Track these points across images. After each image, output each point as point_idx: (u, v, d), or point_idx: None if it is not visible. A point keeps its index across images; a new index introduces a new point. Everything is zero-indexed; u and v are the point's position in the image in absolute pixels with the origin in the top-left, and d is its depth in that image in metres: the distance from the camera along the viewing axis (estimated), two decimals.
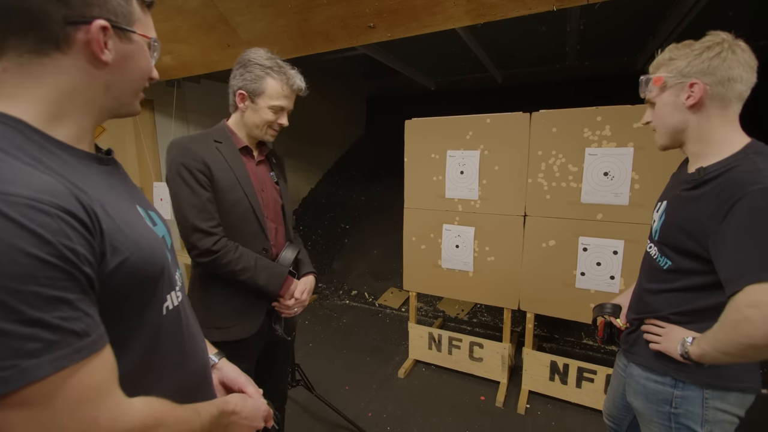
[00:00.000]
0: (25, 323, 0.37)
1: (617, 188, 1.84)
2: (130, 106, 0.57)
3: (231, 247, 1.12)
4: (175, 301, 0.60)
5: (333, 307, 3.59)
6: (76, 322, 0.40)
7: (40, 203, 0.39)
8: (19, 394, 0.37)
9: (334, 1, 1.68)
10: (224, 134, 1.19)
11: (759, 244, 0.70)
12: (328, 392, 2.17)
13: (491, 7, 1.49)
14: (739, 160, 0.80)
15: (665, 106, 0.90)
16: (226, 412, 0.62)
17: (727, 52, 0.80)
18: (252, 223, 1.18)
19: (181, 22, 2.04)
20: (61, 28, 0.46)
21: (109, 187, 0.53)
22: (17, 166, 0.41)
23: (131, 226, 0.51)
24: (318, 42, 1.93)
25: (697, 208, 0.84)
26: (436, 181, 2.31)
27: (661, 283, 0.94)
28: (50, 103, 0.48)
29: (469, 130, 2.18)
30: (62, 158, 0.47)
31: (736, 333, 0.72)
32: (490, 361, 2.34)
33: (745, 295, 0.71)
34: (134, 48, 0.53)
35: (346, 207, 4.95)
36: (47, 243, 0.38)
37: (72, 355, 0.40)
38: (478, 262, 2.25)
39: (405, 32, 1.71)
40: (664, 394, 0.92)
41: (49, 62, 0.47)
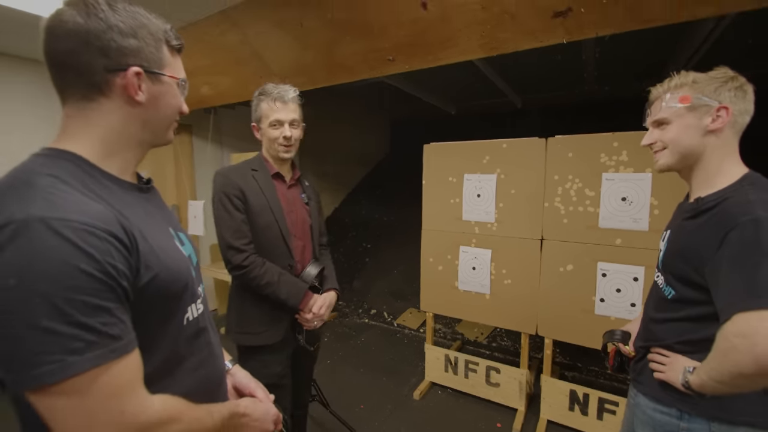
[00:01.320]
0: (73, 325, 0.45)
1: (636, 213, 1.82)
2: (164, 137, 0.67)
3: (258, 263, 1.24)
4: (195, 312, 0.67)
5: (352, 325, 3.63)
6: (113, 327, 0.48)
7: (93, 228, 0.48)
8: (62, 385, 0.44)
9: (357, 37, 1.82)
10: (260, 163, 1.34)
11: (747, 274, 0.71)
12: (344, 409, 2.20)
13: (503, 41, 1.58)
14: (734, 191, 0.82)
15: (686, 127, 0.88)
16: (236, 414, 0.68)
17: (747, 86, 0.85)
18: (279, 243, 1.31)
19: (220, 58, 2.26)
20: (103, 76, 0.55)
21: (147, 213, 0.62)
22: (77, 197, 0.50)
23: (162, 249, 0.59)
24: (341, 74, 2.08)
25: (695, 237, 0.86)
26: (454, 204, 2.36)
27: (666, 312, 0.94)
28: (101, 141, 0.58)
29: (486, 155, 2.23)
30: (110, 188, 0.57)
31: (726, 362, 0.72)
32: (507, 386, 2.29)
33: (733, 324, 0.71)
34: (165, 88, 0.62)
35: (368, 227, 5.05)
36: (96, 261, 0.47)
37: (107, 355, 0.47)
38: (494, 285, 2.25)
39: (421, 64, 1.82)
40: (670, 425, 0.90)
41: (97, 106, 0.57)
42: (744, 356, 0.68)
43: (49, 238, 0.45)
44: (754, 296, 0.69)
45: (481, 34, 1.57)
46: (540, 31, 1.47)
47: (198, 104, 2.85)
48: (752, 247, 0.72)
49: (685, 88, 0.89)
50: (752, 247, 0.72)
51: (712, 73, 0.88)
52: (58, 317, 0.44)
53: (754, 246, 0.72)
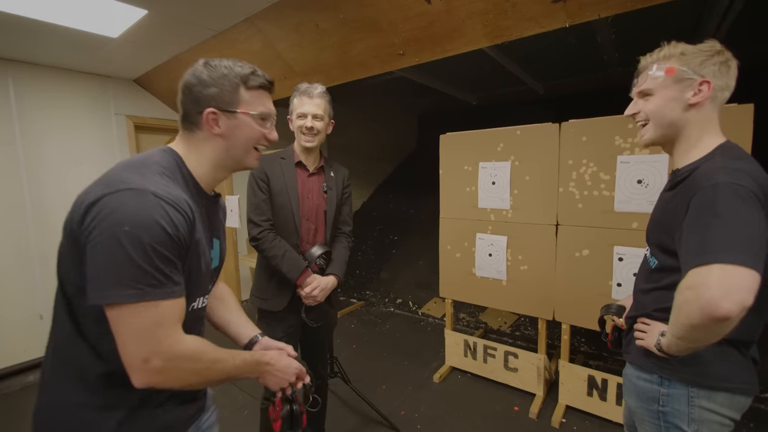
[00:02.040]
0: (155, 268, 0.62)
1: (653, 196, 1.78)
2: (245, 161, 0.83)
3: (269, 238, 1.44)
4: (200, 304, 0.80)
5: (378, 313, 3.76)
6: (177, 275, 0.66)
7: (178, 205, 0.66)
8: (137, 305, 0.61)
9: (368, 35, 1.92)
10: (288, 153, 1.55)
11: (699, 234, 0.75)
12: (366, 390, 2.33)
13: (507, 29, 1.62)
14: (706, 161, 0.84)
15: (669, 100, 0.89)
16: (261, 362, 0.82)
17: (731, 62, 0.86)
18: (289, 222, 1.49)
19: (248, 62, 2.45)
20: (196, 116, 0.76)
21: (205, 218, 0.79)
22: (173, 185, 0.71)
23: (198, 246, 0.75)
24: (356, 70, 2.19)
25: (669, 206, 0.89)
26: (470, 192, 2.40)
27: (650, 283, 0.96)
28: (196, 159, 0.79)
29: (500, 142, 2.26)
30: (190, 188, 0.76)
31: (681, 316, 0.75)
32: (525, 372, 2.32)
33: (686, 279, 0.74)
34: (238, 122, 0.78)
35: (395, 219, 5.16)
36: (174, 226, 0.65)
37: (170, 293, 0.64)
38: (511, 271, 2.28)
39: (431, 56, 1.90)
40: (652, 392, 0.93)
41: (194, 136, 0.78)
42: (692, 307, 0.71)
43: (152, 204, 0.63)
44: (702, 252, 0.72)
45: (484, 23, 1.62)
46: (541, 17, 1.50)
47: None
48: (707, 209, 0.75)
49: (672, 60, 0.89)
50: (707, 209, 0.75)
51: (700, 45, 0.88)
52: (147, 259, 0.61)
53: (708, 208, 0.75)
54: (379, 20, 1.81)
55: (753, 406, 2.16)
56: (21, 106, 2.66)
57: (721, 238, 0.71)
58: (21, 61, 2.63)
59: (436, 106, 5.67)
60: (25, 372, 2.68)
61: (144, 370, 0.62)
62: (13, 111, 2.64)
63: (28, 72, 2.68)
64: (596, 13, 1.42)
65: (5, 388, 2.55)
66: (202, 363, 0.69)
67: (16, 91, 2.64)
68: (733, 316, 0.67)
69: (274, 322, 1.49)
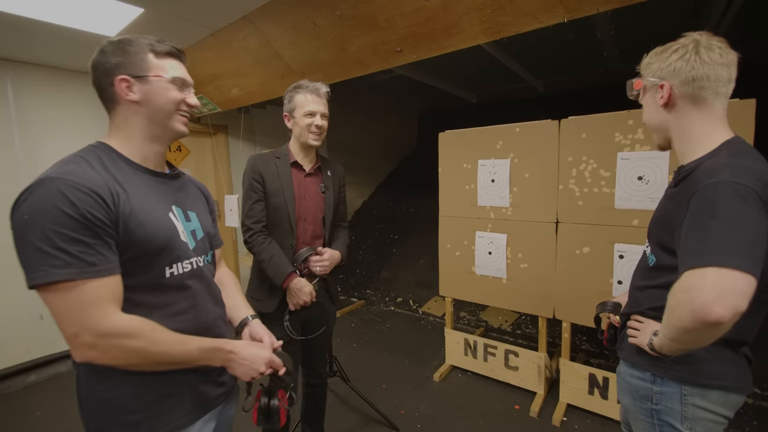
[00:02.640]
0: (56, 248, 0.64)
1: (653, 193, 1.77)
2: (171, 127, 0.82)
3: (259, 241, 1.43)
4: (180, 269, 0.80)
5: (378, 312, 3.75)
6: (89, 255, 0.66)
7: (80, 185, 0.67)
8: (49, 287, 0.64)
9: (365, 32, 1.91)
10: (283, 152, 1.52)
11: (697, 235, 0.73)
12: (366, 389, 2.32)
13: (504, 24, 1.60)
14: (710, 157, 0.82)
15: (648, 106, 0.95)
16: (222, 349, 0.80)
17: (691, 54, 0.84)
18: (285, 224, 1.47)
19: (245, 60, 2.44)
20: (109, 90, 0.78)
21: (150, 190, 0.80)
22: (83, 168, 0.71)
23: (145, 213, 0.75)
24: (354, 67, 2.18)
25: (671, 204, 0.88)
26: (469, 190, 2.39)
27: (647, 280, 0.95)
28: (124, 135, 0.80)
29: (499, 140, 2.24)
30: (123, 168, 0.77)
31: (673, 318, 0.74)
32: (525, 370, 2.31)
33: (680, 281, 0.73)
34: (152, 86, 0.78)
35: (395, 218, 5.15)
36: (75, 207, 0.65)
37: (80, 273, 0.65)
38: (511, 269, 2.26)
39: (428, 53, 1.88)
40: (645, 390, 0.92)
41: (115, 113, 0.79)
42: (684, 310, 0.70)
43: (51, 190, 0.65)
44: (698, 255, 0.71)
45: (481, 19, 1.60)
46: (539, 12, 1.48)
47: (230, 105, 3.08)
48: (706, 209, 0.73)
49: (642, 72, 0.95)
50: (706, 209, 0.73)
51: (668, 44, 0.89)
52: (47, 242, 0.64)
53: (708, 208, 0.73)
54: (376, 17, 1.79)
55: (756, 404, 2.14)
56: (20, 106, 2.66)
57: (718, 241, 0.69)
58: (19, 61, 2.63)
59: (436, 104, 5.66)
60: (26, 372, 2.68)
61: (76, 345, 0.66)
62: (12, 112, 2.63)
63: (26, 72, 2.67)
64: (595, 8, 1.40)
65: (6, 388, 2.55)
66: (139, 342, 0.69)
67: (14, 92, 2.64)
68: (726, 321, 0.66)
69: (270, 322, 1.46)
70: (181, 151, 3.63)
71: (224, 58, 2.48)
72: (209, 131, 3.72)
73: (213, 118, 3.59)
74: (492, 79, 3.61)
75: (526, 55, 2.86)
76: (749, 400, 2.18)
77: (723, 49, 0.84)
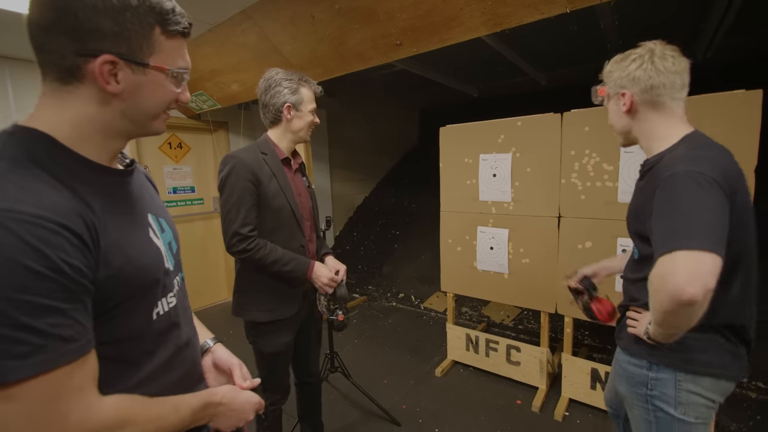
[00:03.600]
0: (16, 328, 0.40)
1: None
2: (150, 128, 0.59)
3: (261, 244, 1.31)
4: (166, 306, 0.63)
5: (380, 308, 3.76)
6: (66, 328, 0.44)
7: (44, 221, 0.43)
8: (5, 390, 0.41)
9: (365, 25, 1.89)
10: (268, 147, 1.40)
11: (664, 224, 0.79)
12: (367, 384, 2.32)
13: (505, 16, 1.57)
14: (670, 151, 0.89)
15: (612, 113, 1.04)
16: (212, 403, 0.64)
17: (647, 64, 0.91)
18: (292, 224, 1.40)
19: (244, 55, 2.43)
20: (74, 60, 0.49)
21: (120, 199, 0.58)
22: (32, 184, 0.46)
23: (128, 241, 0.55)
24: (354, 62, 2.16)
25: (640, 196, 0.96)
26: (470, 185, 2.37)
27: (636, 273, 1.00)
28: (74, 125, 0.52)
29: (500, 134, 2.22)
30: (79, 172, 0.52)
31: (655, 303, 0.78)
32: (527, 365, 2.30)
33: (655, 268, 0.78)
34: (147, 79, 0.54)
35: (397, 214, 5.13)
36: (45, 257, 0.42)
37: (57, 359, 0.43)
38: (512, 264, 2.25)
39: (428, 46, 1.86)
40: (641, 376, 0.97)
41: (72, 90, 0.51)
42: (661, 295, 0.75)
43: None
44: (666, 241, 0.77)
45: (482, 11, 1.58)
46: (541, 2, 1.45)
47: (230, 101, 3.07)
48: (668, 199, 0.80)
49: (604, 80, 1.03)
50: (668, 199, 0.80)
51: (627, 53, 0.97)
52: (3, 320, 0.40)
53: (670, 199, 0.80)
54: (375, 10, 1.77)
55: (760, 398, 2.13)
56: (20, 105, 2.66)
57: (683, 226, 0.76)
58: (19, 59, 2.62)
59: (437, 99, 5.62)
60: None
61: None
62: (12, 111, 2.63)
63: (26, 69, 2.67)
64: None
65: None
66: (135, 428, 0.51)
67: (14, 90, 2.63)
68: (699, 299, 0.71)
69: (282, 328, 1.41)
70: (181, 148, 3.63)
71: (223, 54, 2.47)
72: (210, 128, 3.72)
73: (213, 114, 3.58)
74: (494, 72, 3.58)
75: (528, 47, 2.82)
76: (752, 394, 2.17)
77: (675, 57, 0.91)
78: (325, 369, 2.19)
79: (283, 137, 1.42)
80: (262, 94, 1.38)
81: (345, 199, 5.06)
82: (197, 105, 3.28)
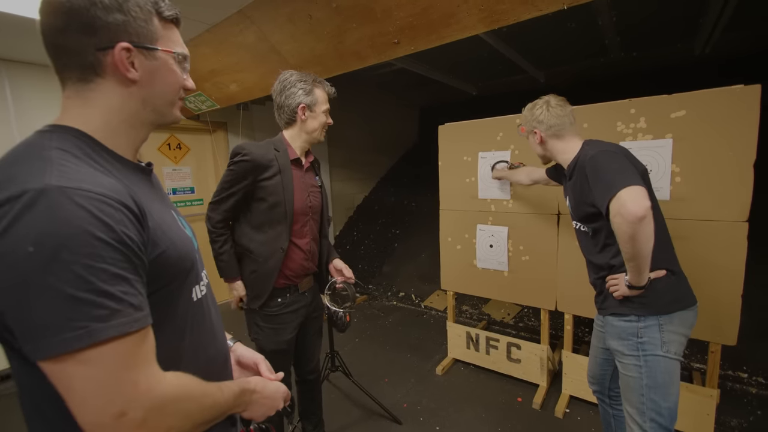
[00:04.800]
0: (96, 293, 0.44)
1: (656, 182, 1.74)
2: (169, 115, 0.64)
3: (226, 234, 1.41)
4: (199, 294, 0.66)
5: (381, 307, 3.76)
6: (134, 297, 0.47)
7: (108, 198, 0.47)
8: (84, 353, 0.43)
9: (362, 24, 1.89)
10: (282, 145, 1.42)
11: (599, 182, 1.13)
12: (369, 383, 2.33)
13: (503, 13, 1.57)
14: (580, 153, 1.27)
15: (532, 144, 1.44)
16: (247, 390, 0.66)
17: (543, 109, 1.34)
18: (282, 224, 1.39)
19: (242, 56, 2.42)
20: (94, 56, 0.53)
21: (150, 192, 0.62)
22: (88, 170, 0.50)
23: (168, 226, 0.59)
24: (352, 60, 2.15)
25: (576, 187, 1.26)
26: (469, 183, 2.37)
27: (594, 245, 1.30)
28: (103, 120, 0.56)
29: (499, 132, 2.22)
30: (116, 166, 0.57)
31: (622, 236, 1.05)
32: (528, 362, 2.30)
33: (610, 213, 1.07)
34: (159, 63, 0.58)
35: (397, 213, 5.13)
36: (112, 230, 0.46)
37: (131, 323, 0.46)
38: (512, 262, 2.25)
39: (426, 44, 1.85)
40: (632, 329, 1.21)
41: (95, 87, 0.55)
42: (622, 225, 1.03)
43: (67, 206, 0.44)
44: (608, 190, 1.07)
45: (479, 8, 1.57)
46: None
47: (229, 101, 3.06)
48: (596, 169, 1.15)
49: (522, 121, 1.45)
50: (596, 169, 1.15)
51: (534, 103, 1.40)
52: (80, 284, 0.43)
53: (597, 168, 1.15)
54: (372, 8, 1.77)
55: (760, 393, 2.13)
56: (19, 107, 2.66)
57: (613, 177, 1.09)
58: (17, 61, 2.62)
59: (437, 97, 5.61)
60: None
61: (119, 429, 0.45)
62: (11, 113, 2.64)
63: (24, 72, 2.67)
64: None
65: (6, 390, 2.58)
66: (191, 403, 0.53)
67: (13, 93, 2.64)
68: (647, 213, 1.00)
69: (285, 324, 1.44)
70: (181, 149, 3.63)
71: (222, 54, 2.47)
72: (209, 128, 3.71)
73: (212, 115, 3.58)
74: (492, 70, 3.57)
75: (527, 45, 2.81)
76: (753, 389, 2.17)
77: (563, 105, 1.34)
78: (325, 368, 2.19)
79: (297, 137, 1.45)
80: (277, 96, 1.41)
81: (345, 198, 5.06)
82: (196, 106, 3.28)
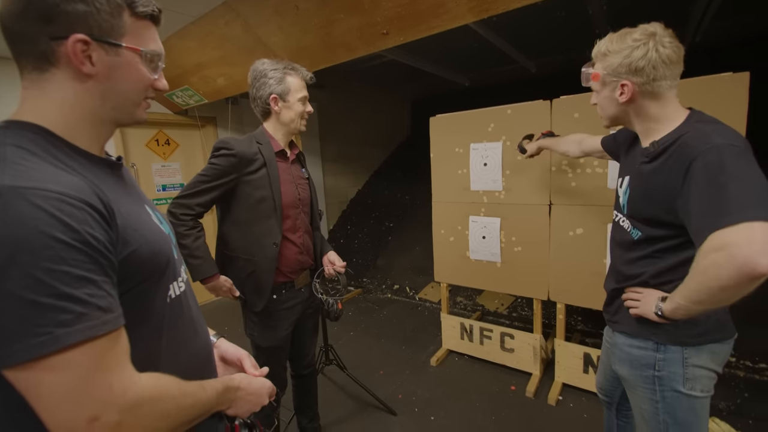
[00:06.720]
0: (59, 297, 0.42)
1: None
2: (132, 115, 0.60)
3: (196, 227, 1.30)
4: (177, 290, 0.64)
5: (375, 300, 3.77)
6: (102, 299, 0.45)
7: (68, 197, 0.45)
8: (50, 359, 0.41)
9: (350, 14, 1.85)
10: (264, 138, 1.37)
11: (715, 196, 0.74)
12: (363, 375, 2.34)
13: (492, 2, 1.55)
14: (686, 128, 0.86)
15: (604, 98, 0.98)
16: (231, 388, 0.65)
17: (652, 53, 0.86)
18: (270, 219, 1.35)
19: (229, 48, 2.38)
20: (47, 45, 0.50)
21: (120, 188, 0.59)
22: (48, 168, 0.48)
23: (140, 222, 0.57)
24: (341, 52, 2.12)
25: (658, 177, 0.88)
26: (461, 175, 2.37)
27: (633, 252, 0.98)
28: (61, 114, 0.53)
29: (490, 122, 2.21)
30: (81, 162, 0.54)
31: (707, 279, 0.74)
32: (521, 352, 2.33)
33: (709, 243, 0.73)
34: (122, 60, 0.55)
35: (390, 206, 5.12)
36: (74, 230, 0.44)
37: (99, 326, 0.44)
38: (505, 253, 2.26)
39: (415, 35, 1.83)
40: (647, 358, 0.95)
41: (50, 77, 0.52)
42: (725, 269, 0.70)
43: (23, 207, 0.42)
44: (726, 214, 0.71)
45: None
46: None
47: (217, 95, 3.01)
48: (716, 171, 0.75)
49: (598, 63, 0.96)
50: (716, 171, 0.75)
51: (629, 37, 0.89)
52: (41, 289, 0.41)
53: (718, 170, 0.75)
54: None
55: (747, 377, 2.18)
56: None
57: (740, 198, 0.71)
58: None
59: (429, 90, 5.58)
60: None
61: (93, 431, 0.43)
62: None
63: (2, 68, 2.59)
64: None
65: None
66: (168, 403, 0.51)
67: None
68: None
69: (280, 321, 1.41)
70: (169, 145, 3.57)
71: (208, 47, 2.42)
72: (197, 124, 3.66)
73: (200, 110, 3.52)
74: (484, 61, 3.55)
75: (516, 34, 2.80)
76: (740, 373, 2.22)
77: (675, 45, 0.87)
78: (320, 362, 2.20)
79: (277, 129, 1.40)
80: (251, 87, 1.36)
81: (338, 192, 5.03)
82: (183, 100, 3.22)
